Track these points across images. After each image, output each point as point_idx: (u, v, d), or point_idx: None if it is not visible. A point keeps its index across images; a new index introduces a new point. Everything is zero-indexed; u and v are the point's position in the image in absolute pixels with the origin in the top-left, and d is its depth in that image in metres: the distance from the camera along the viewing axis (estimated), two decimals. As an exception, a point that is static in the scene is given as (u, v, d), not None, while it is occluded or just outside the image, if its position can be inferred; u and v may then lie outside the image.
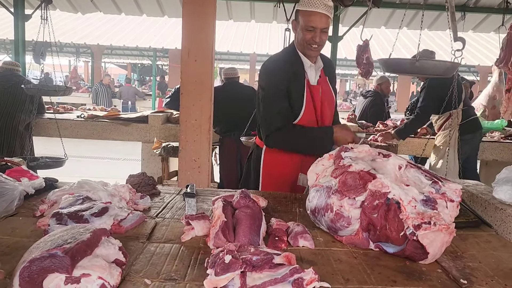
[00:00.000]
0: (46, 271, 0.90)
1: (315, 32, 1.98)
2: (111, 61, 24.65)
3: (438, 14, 6.54)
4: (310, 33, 1.99)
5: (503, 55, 4.08)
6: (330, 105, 2.17)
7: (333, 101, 2.20)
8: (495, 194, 1.53)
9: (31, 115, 4.73)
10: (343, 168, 1.34)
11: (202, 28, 2.74)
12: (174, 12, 7.05)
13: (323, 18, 1.96)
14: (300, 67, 2.08)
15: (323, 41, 2.03)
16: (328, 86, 2.18)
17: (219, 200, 1.37)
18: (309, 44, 2.02)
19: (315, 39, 1.99)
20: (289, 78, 2.03)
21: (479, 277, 1.12)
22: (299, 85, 2.05)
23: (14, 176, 1.61)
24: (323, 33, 2.00)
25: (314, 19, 1.96)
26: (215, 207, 1.33)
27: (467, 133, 4.21)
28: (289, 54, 2.12)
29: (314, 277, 0.96)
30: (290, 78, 2.03)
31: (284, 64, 2.07)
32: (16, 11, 5.79)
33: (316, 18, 1.96)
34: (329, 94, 2.17)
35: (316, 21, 1.96)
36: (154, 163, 4.89)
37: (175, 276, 1.04)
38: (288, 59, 2.09)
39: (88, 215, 1.30)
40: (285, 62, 2.09)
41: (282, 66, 2.07)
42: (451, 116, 4.10)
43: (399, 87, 19.27)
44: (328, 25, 2.00)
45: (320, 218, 1.36)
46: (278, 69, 2.07)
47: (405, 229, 1.18)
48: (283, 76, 2.04)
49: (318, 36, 1.99)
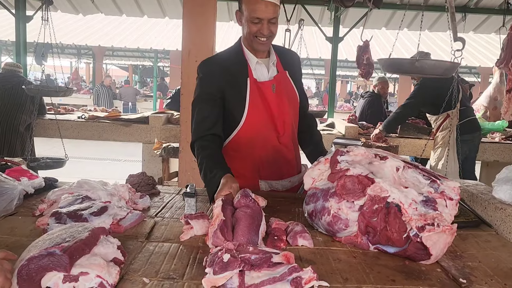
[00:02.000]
0: (44, 269, 0.90)
1: (262, 23, 1.74)
2: (112, 63, 24.69)
3: (438, 15, 6.55)
4: (256, 25, 1.75)
5: (503, 56, 4.07)
6: (291, 101, 1.94)
7: (295, 96, 1.96)
8: (495, 194, 1.52)
9: (32, 116, 4.75)
10: (341, 172, 1.33)
11: (203, 28, 2.75)
12: (175, 13, 7.06)
13: (269, 7, 1.71)
14: (242, 66, 1.85)
15: (272, 33, 1.79)
16: (287, 81, 1.94)
17: (218, 199, 1.36)
18: (256, 37, 1.78)
19: (262, 31, 1.75)
20: (222, 82, 1.82)
21: (478, 276, 1.12)
22: (239, 86, 1.83)
23: (14, 176, 1.62)
24: (271, 24, 1.76)
25: (259, 9, 1.71)
26: (215, 206, 1.33)
27: (465, 134, 4.21)
28: (230, 52, 1.92)
29: (313, 276, 0.96)
30: (226, 81, 1.83)
31: (218, 66, 1.87)
32: (17, 12, 5.80)
33: (261, 7, 1.71)
34: (289, 89, 1.94)
35: (261, 11, 1.71)
36: (154, 164, 4.89)
37: (173, 275, 1.04)
38: (228, 58, 1.89)
39: (87, 214, 1.31)
40: (221, 63, 1.89)
41: (215, 68, 1.87)
42: (449, 117, 4.11)
43: (400, 88, 19.24)
44: (276, 15, 1.76)
45: (318, 221, 1.36)
46: (211, 72, 1.86)
47: (408, 230, 1.17)
48: (214, 80, 1.84)
49: (265, 28, 1.75)
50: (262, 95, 1.84)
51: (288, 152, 1.94)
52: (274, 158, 1.90)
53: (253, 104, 1.83)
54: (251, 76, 1.84)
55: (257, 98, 1.84)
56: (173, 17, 7.41)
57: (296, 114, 1.99)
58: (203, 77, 1.87)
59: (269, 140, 1.88)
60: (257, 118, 1.85)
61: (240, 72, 1.84)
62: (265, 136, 1.87)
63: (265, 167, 1.91)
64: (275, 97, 1.86)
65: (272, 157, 1.90)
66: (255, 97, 1.84)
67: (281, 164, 1.93)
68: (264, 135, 1.87)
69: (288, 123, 1.92)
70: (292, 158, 1.97)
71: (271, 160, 1.90)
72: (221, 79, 1.83)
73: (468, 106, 4.52)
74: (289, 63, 1.97)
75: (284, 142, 1.92)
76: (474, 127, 4.34)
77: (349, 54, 11.99)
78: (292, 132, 1.97)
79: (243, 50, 1.88)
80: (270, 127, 1.87)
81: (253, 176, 1.92)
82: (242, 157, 1.90)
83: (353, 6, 5.26)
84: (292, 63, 2.00)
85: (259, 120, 1.85)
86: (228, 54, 1.92)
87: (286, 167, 1.96)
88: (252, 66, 1.86)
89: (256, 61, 1.86)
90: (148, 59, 19.69)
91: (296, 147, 2.03)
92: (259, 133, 1.86)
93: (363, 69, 5.43)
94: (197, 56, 2.98)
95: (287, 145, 1.93)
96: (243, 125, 1.84)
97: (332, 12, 6.18)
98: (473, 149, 4.39)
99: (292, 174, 1.99)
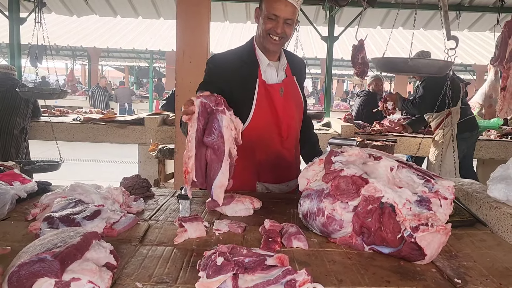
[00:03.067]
0: (35, 275, 0.89)
1: (278, 21, 1.75)
2: (108, 64, 24.62)
3: (433, 13, 6.57)
4: (272, 22, 1.76)
5: (498, 54, 4.09)
6: (297, 106, 1.94)
7: (301, 102, 1.98)
8: (490, 193, 1.52)
9: (26, 119, 4.72)
10: (335, 172, 1.33)
11: (197, 29, 2.74)
12: (170, 14, 7.04)
13: (288, 7, 1.73)
14: (253, 66, 1.85)
15: (286, 34, 1.79)
16: (294, 87, 1.95)
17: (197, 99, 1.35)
18: (269, 34, 1.78)
19: (277, 29, 1.75)
20: (230, 79, 1.82)
21: (473, 276, 1.12)
22: (248, 86, 1.83)
23: (6, 180, 1.60)
24: (287, 24, 1.77)
25: (278, 7, 1.73)
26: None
27: (465, 131, 4.26)
28: (242, 51, 1.91)
29: (307, 278, 0.95)
30: (234, 80, 1.82)
31: (229, 63, 1.87)
32: (11, 14, 5.77)
33: (280, 6, 1.73)
34: (296, 94, 1.95)
35: (280, 9, 1.73)
36: (150, 165, 4.88)
37: (166, 279, 1.04)
38: (239, 57, 1.88)
39: (80, 219, 1.29)
40: (232, 61, 1.87)
41: (226, 65, 1.86)
42: (450, 114, 4.12)
43: (396, 87, 19.28)
44: (293, 17, 1.77)
45: (312, 222, 1.35)
46: (221, 66, 1.86)
47: (402, 231, 1.17)
48: (222, 74, 1.83)
49: (280, 26, 1.75)
50: (269, 97, 1.84)
51: (289, 156, 1.95)
52: (275, 162, 1.90)
53: (259, 106, 1.83)
54: (260, 77, 1.84)
55: (264, 100, 1.83)
56: (168, 18, 7.39)
57: (301, 119, 2.02)
58: (213, 68, 1.88)
59: (272, 143, 1.89)
60: (263, 120, 1.84)
61: (250, 72, 1.84)
62: (268, 138, 1.88)
63: (265, 170, 1.91)
64: (283, 101, 1.86)
65: (273, 161, 1.90)
66: (262, 99, 1.83)
67: (281, 168, 1.93)
68: (268, 137, 1.87)
69: (293, 127, 1.92)
70: (292, 162, 1.98)
71: (271, 164, 1.90)
72: (229, 76, 1.82)
73: (467, 104, 4.59)
74: (297, 69, 1.99)
75: (287, 146, 1.93)
76: (473, 125, 4.43)
77: (345, 53, 12.00)
78: (296, 137, 1.98)
79: (255, 50, 1.88)
80: (274, 130, 1.87)
81: (251, 178, 1.92)
82: (243, 158, 1.82)
83: (348, 5, 5.27)
84: (300, 69, 2.02)
85: (264, 122, 1.84)
86: (241, 52, 1.91)
87: (286, 171, 1.96)
88: (263, 67, 1.86)
89: (268, 63, 1.86)
90: (143, 60, 19.65)
91: (298, 151, 2.04)
92: (263, 136, 1.86)
93: (359, 68, 5.45)
94: (191, 57, 2.97)
95: (289, 149, 1.94)
96: (247, 126, 1.81)
97: (327, 12, 6.19)
98: (472, 146, 4.48)
99: (291, 178, 1.98)
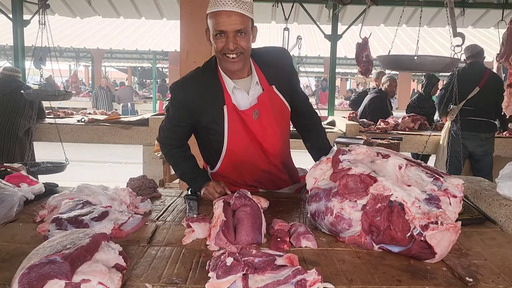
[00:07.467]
0: (46, 277, 0.89)
1: (227, 36, 1.53)
2: (111, 65, 24.71)
3: (437, 10, 6.53)
4: (222, 40, 1.54)
5: (503, 50, 4.05)
6: (279, 117, 1.76)
7: (285, 110, 1.78)
8: (499, 190, 1.51)
9: (31, 121, 4.74)
10: (343, 171, 1.32)
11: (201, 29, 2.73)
12: (172, 14, 7.05)
13: (233, 18, 1.51)
14: (218, 91, 1.67)
15: (241, 48, 1.56)
16: (274, 97, 1.73)
17: (219, 201, 1.36)
18: (225, 54, 1.57)
19: (229, 46, 1.53)
20: (196, 111, 1.69)
21: (485, 274, 1.11)
22: (215, 115, 1.68)
23: (14, 182, 1.60)
24: (240, 37, 1.54)
25: (221, 21, 1.51)
26: (215, 207, 1.33)
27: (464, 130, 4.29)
28: (205, 74, 1.72)
29: (317, 278, 0.94)
30: (200, 111, 1.69)
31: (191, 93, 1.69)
32: (14, 16, 5.80)
33: (223, 19, 1.51)
34: (277, 104, 1.74)
35: (224, 23, 1.51)
36: (155, 166, 4.88)
37: (176, 280, 1.03)
38: (202, 83, 1.70)
39: (88, 220, 1.29)
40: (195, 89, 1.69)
41: (189, 96, 1.69)
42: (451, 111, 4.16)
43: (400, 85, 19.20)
44: (243, 26, 1.53)
45: (320, 221, 1.35)
46: (183, 100, 1.71)
47: (411, 229, 1.16)
48: (185, 109, 1.71)
49: (231, 41, 1.53)
50: (242, 122, 1.69)
51: (279, 173, 1.86)
52: (266, 177, 1.85)
53: (232, 132, 1.69)
54: (228, 103, 1.67)
55: (237, 126, 1.69)
56: (170, 18, 7.41)
57: (288, 128, 1.88)
58: (174, 102, 1.76)
59: (256, 164, 1.79)
60: (240, 145, 1.72)
61: (216, 99, 1.67)
62: (251, 160, 1.78)
63: (260, 183, 1.88)
64: (258, 123, 1.70)
65: (264, 176, 1.84)
66: (235, 125, 1.68)
67: (275, 181, 1.88)
68: (250, 159, 1.77)
69: (277, 144, 1.78)
70: (285, 178, 1.90)
71: (263, 179, 1.86)
72: (193, 106, 1.69)
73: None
74: (274, 73, 1.74)
75: (275, 162, 1.82)
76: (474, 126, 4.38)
77: (348, 51, 11.95)
78: (283, 152, 1.85)
79: (219, 72, 1.69)
80: (255, 152, 1.75)
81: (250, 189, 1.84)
82: (234, 181, 1.85)
83: (351, 3, 5.25)
84: (278, 68, 1.77)
85: (242, 146, 1.72)
86: (203, 76, 1.73)
87: (282, 183, 1.91)
88: (229, 90, 1.67)
89: (233, 86, 1.67)
90: (146, 60, 19.69)
91: (290, 165, 1.94)
92: (244, 158, 1.76)
93: (363, 66, 5.42)
94: (195, 57, 2.97)
95: (277, 165, 1.84)
96: (226, 153, 1.74)
97: (330, 10, 6.17)
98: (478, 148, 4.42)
99: (289, 184, 1.94)
